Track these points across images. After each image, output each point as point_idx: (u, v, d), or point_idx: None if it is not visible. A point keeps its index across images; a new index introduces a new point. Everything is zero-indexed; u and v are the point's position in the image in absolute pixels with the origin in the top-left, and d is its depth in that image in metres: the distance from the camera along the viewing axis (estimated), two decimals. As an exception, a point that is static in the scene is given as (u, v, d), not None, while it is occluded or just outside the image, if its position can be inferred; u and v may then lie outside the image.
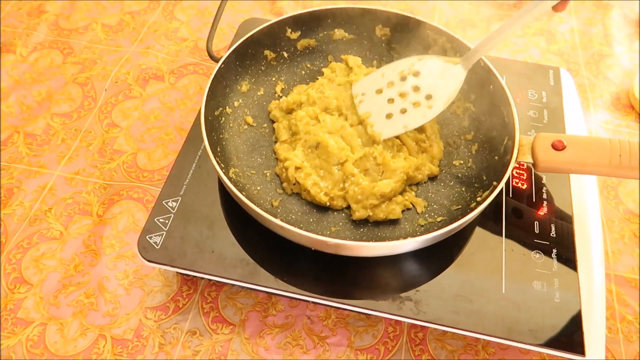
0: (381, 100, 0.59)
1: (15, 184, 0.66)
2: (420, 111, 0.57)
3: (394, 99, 0.58)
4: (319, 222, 0.55)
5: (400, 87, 0.58)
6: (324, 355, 0.54)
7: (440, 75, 0.57)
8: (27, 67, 0.79)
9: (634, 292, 0.59)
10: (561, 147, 0.52)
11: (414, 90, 0.58)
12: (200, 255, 0.52)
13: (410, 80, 0.58)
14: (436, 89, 0.57)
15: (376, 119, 0.58)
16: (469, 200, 0.56)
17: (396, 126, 0.57)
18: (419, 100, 0.57)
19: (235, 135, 0.62)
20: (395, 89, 0.59)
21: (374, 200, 0.54)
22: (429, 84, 0.58)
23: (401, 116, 0.57)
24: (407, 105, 0.57)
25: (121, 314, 0.56)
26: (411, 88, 0.58)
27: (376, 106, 0.59)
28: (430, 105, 0.57)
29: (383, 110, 0.58)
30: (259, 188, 0.58)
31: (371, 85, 0.60)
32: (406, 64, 0.59)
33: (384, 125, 0.58)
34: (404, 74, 0.59)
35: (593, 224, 0.57)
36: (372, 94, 0.59)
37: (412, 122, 0.57)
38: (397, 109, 0.58)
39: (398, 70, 0.59)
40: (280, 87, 0.67)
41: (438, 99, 0.56)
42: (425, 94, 0.57)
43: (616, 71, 0.82)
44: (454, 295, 0.50)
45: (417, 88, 0.58)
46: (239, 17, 0.87)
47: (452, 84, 0.57)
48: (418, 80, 0.58)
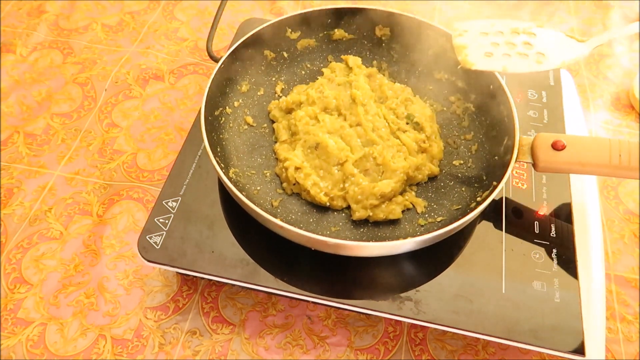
0: (484, 41, 0.54)
1: (15, 184, 0.66)
2: (525, 61, 0.53)
3: (499, 44, 0.54)
4: (319, 222, 0.55)
5: (510, 38, 0.54)
6: (324, 355, 0.54)
7: (559, 43, 0.53)
8: (27, 67, 0.79)
9: (634, 292, 0.59)
10: (561, 147, 0.52)
11: (525, 45, 0.53)
12: (200, 255, 0.52)
13: (523, 37, 0.54)
14: (550, 51, 0.53)
15: (473, 51, 0.54)
16: (469, 200, 0.56)
17: (493, 63, 0.53)
18: (527, 53, 0.53)
19: (235, 135, 0.62)
20: (503, 38, 0.54)
21: (374, 200, 0.54)
22: (543, 45, 0.53)
23: (503, 57, 0.53)
24: (512, 52, 0.53)
25: (121, 314, 0.56)
26: (522, 43, 0.54)
27: (476, 43, 0.54)
28: (540, 61, 0.52)
29: (483, 48, 0.54)
30: (259, 188, 0.58)
31: (477, 27, 0.55)
32: (523, 24, 0.55)
33: (481, 59, 0.53)
34: (517, 30, 0.55)
35: (593, 224, 0.57)
36: (476, 34, 0.55)
37: (513, 65, 0.52)
38: (499, 51, 0.53)
39: (512, 26, 0.55)
40: (280, 87, 0.67)
41: (549, 59, 0.52)
42: (536, 51, 0.53)
43: (616, 71, 0.82)
44: (454, 295, 0.50)
45: (529, 44, 0.54)
46: (239, 17, 0.87)
47: (571, 53, 0.52)
48: (532, 39, 0.54)
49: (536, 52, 0.53)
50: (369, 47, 0.70)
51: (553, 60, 0.52)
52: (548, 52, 0.53)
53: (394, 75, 0.68)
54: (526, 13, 0.91)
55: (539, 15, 0.91)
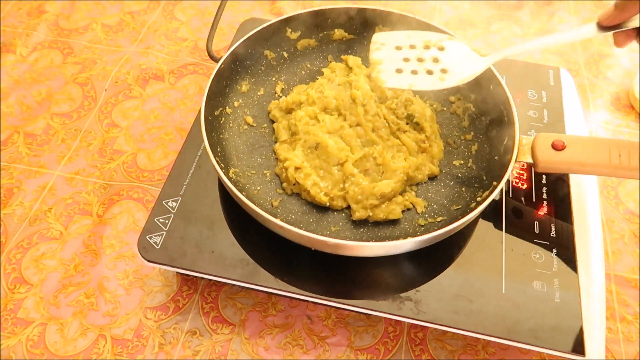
0: (397, 55, 0.57)
1: (15, 184, 0.66)
2: (430, 78, 0.56)
3: (410, 59, 0.57)
4: (319, 222, 0.55)
5: (421, 53, 0.57)
6: (324, 355, 0.54)
7: (463, 59, 0.57)
8: (27, 67, 0.79)
9: (634, 292, 0.59)
10: (561, 147, 0.52)
11: (433, 60, 0.57)
12: (200, 255, 0.52)
13: (433, 51, 0.57)
14: (455, 67, 0.56)
15: (386, 67, 0.57)
16: (469, 201, 0.56)
17: (402, 81, 0.56)
18: (433, 69, 0.56)
19: (235, 135, 0.62)
20: (415, 52, 0.57)
21: (374, 200, 0.54)
22: (449, 60, 0.57)
23: (410, 75, 0.56)
24: (419, 69, 0.56)
25: (121, 314, 0.56)
26: (430, 58, 0.57)
27: (390, 58, 0.57)
28: (442, 78, 0.56)
29: (395, 64, 0.57)
30: (258, 188, 0.58)
31: (393, 40, 0.59)
32: (435, 37, 0.59)
33: (391, 76, 0.56)
34: (428, 44, 0.58)
35: (593, 224, 0.57)
36: (391, 47, 0.58)
37: (419, 83, 0.56)
38: (409, 68, 0.57)
39: (425, 38, 0.58)
40: (280, 87, 0.67)
41: (451, 75, 0.56)
42: (441, 67, 0.56)
43: (616, 71, 0.82)
44: (454, 295, 0.50)
45: (437, 60, 0.57)
46: (239, 17, 0.87)
47: (470, 69, 0.56)
48: (440, 54, 0.57)
49: (441, 68, 0.56)
50: (368, 47, 0.69)
51: (454, 77, 0.55)
52: (451, 68, 0.56)
53: (394, 75, 0.68)
54: (526, 13, 0.91)
55: (539, 15, 0.91)
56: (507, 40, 0.86)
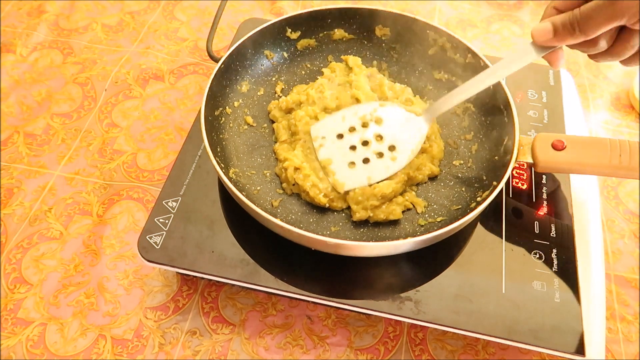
0: (343, 147, 0.56)
1: (15, 184, 0.66)
2: (383, 163, 0.55)
3: (356, 147, 0.56)
4: (319, 222, 0.55)
5: (363, 134, 0.56)
6: (324, 355, 0.54)
7: (403, 125, 0.56)
8: (27, 67, 0.79)
9: (634, 292, 0.59)
10: (561, 147, 0.52)
11: (377, 139, 0.56)
12: (200, 255, 0.52)
13: (372, 127, 0.56)
14: (399, 141, 0.56)
15: (338, 166, 0.56)
16: (469, 201, 0.56)
17: (360, 177, 0.55)
18: (382, 150, 0.56)
19: (235, 136, 0.62)
20: (357, 135, 0.56)
21: (374, 201, 0.54)
22: (392, 133, 0.56)
23: (364, 166, 0.55)
24: (370, 155, 0.55)
25: (121, 314, 0.56)
26: (374, 136, 0.56)
27: (338, 153, 0.56)
28: (394, 157, 0.55)
29: (345, 158, 0.56)
30: (258, 188, 0.58)
31: (332, 128, 0.58)
32: (368, 108, 0.58)
33: (347, 174, 0.55)
34: (365, 120, 0.57)
35: (593, 224, 0.57)
36: (333, 139, 0.57)
37: (375, 174, 0.55)
38: (359, 157, 0.56)
39: (359, 114, 0.57)
40: (280, 87, 0.67)
41: (401, 152, 0.55)
42: (388, 144, 0.56)
43: (616, 71, 0.82)
44: (454, 295, 0.50)
45: (380, 137, 0.56)
46: (239, 17, 0.87)
47: (415, 137, 0.55)
48: (381, 128, 0.56)
49: (388, 145, 0.56)
50: (369, 47, 0.70)
51: (404, 153, 0.55)
52: (397, 142, 0.56)
53: (393, 75, 0.68)
54: (526, 13, 0.91)
55: (539, 15, 0.91)
56: (507, 40, 0.86)
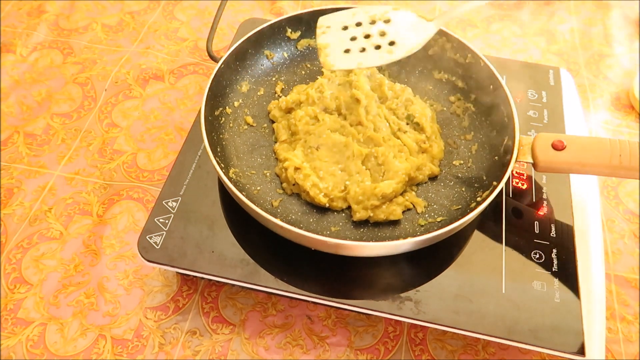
0: (344, 36, 0.57)
1: (15, 184, 0.66)
2: (378, 53, 0.56)
3: (357, 37, 0.57)
4: (319, 222, 0.55)
5: (367, 29, 0.57)
6: (324, 355, 0.54)
7: (410, 27, 0.56)
8: (27, 67, 0.79)
9: (634, 292, 0.59)
10: (561, 147, 0.52)
11: (380, 34, 0.56)
12: (200, 255, 0.52)
13: (379, 25, 0.57)
14: (401, 38, 0.56)
15: (333, 50, 0.57)
16: (469, 201, 0.56)
17: (350, 61, 0.56)
18: (380, 43, 0.56)
19: (235, 135, 0.62)
20: (361, 29, 0.57)
21: (375, 201, 0.54)
22: (396, 31, 0.56)
23: (358, 54, 0.56)
24: (367, 46, 0.56)
25: (121, 314, 0.56)
26: (377, 32, 0.56)
27: (337, 40, 0.57)
28: (391, 50, 0.55)
29: (343, 45, 0.57)
30: (259, 188, 0.58)
31: (339, 21, 0.58)
32: (380, 10, 0.58)
33: (339, 58, 0.56)
34: (374, 18, 0.57)
35: (593, 224, 0.57)
36: (337, 29, 0.58)
37: (366, 61, 0.55)
38: (357, 46, 0.56)
39: (370, 13, 0.58)
40: (280, 87, 0.67)
41: (399, 47, 0.55)
42: (389, 40, 0.56)
43: (616, 71, 0.82)
44: (454, 295, 0.50)
45: (384, 33, 0.56)
46: (239, 17, 0.87)
47: (418, 37, 0.55)
48: (387, 26, 0.57)
49: (389, 41, 0.56)
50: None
51: (402, 48, 0.55)
52: (399, 39, 0.55)
53: (393, 75, 0.68)
54: (526, 13, 0.91)
55: (539, 15, 0.91)
56: (507, 40, 0.86)
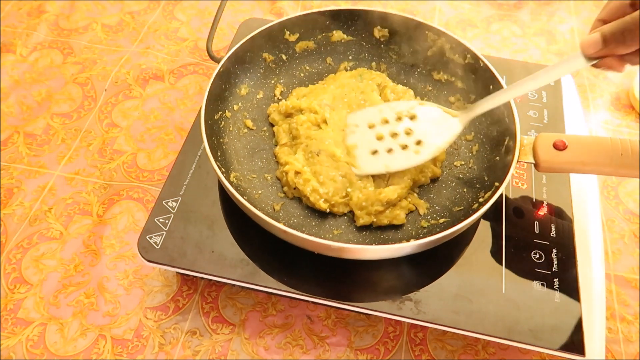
0: (370, 135, 0.57)
1: (15, 184, 0.66)
2: (405, 154, 0.55)
3: (384, 137, 0.57)
4: (321, 225, 0.55)
5: (394, 127, 0.57)
6: (324, 355, 0.54)
7: (436, 123, 0.56)
8: (27, 67, 0.79)
9: (634, 292, 0.59)
10: (562, 147, 0.52)
11: (406, 133, 0.56)
12: (200, 255, 0.52)
13: (406, 122, 0.57)
14: (428, 136, 0.55)
15: (360, 152, 0.57)
16: (471, 202, 0.56)
17: (377, 164, 0.55)
18: (407, 143, 0.56)
19: (235, 139, 0.61)
20: (388, 128, 0.57)
21: (379, 206, 0.54)
22: (422, 129, 0.56)
23: (385, 155, 0.56)
24: (394, 146, 0.56)
25: (121, 314, 0.56)
26: (404, 130, 0.56)
27: (364, 140, 0.57)
28: (418, 150, 0.55)
29: (370, 146, 0.57)
30: (260, 192, 0.58)
31: (366, 118, 0.58)
32: (407, 105, 0.58)
33: (366, 161, 0.56)
34: (400, 115, 0.57)
35: (593, 224, 0.57)
36: (364, 127, 0.58)
37: (393, 163, 0.55)
38: (384, 147, 0.56)
39: (397, 109, 0.57)
40: (280, 89, 0.67)
41: (427, 147, 0.55)
42: (415, 139, 0.56)
43: (616, 71, 0.82)
44: (454, 295, 0.50)
45: (410, 131, 0.56)
46: (239, 17, 0.87)
47: (445, 135, 0.55)
48: (413, 124, 0.56)
49: (415, 140, 0.56)
50: (367, 48, 0.69)
51: (429, 148, 0.55)
52: (426, 138, 0.55)
53: (393, 76, 0.68)
54: (526, 13, 0.91)
55: (539, 15, 0.91)
56: (507, 40, 0.86)
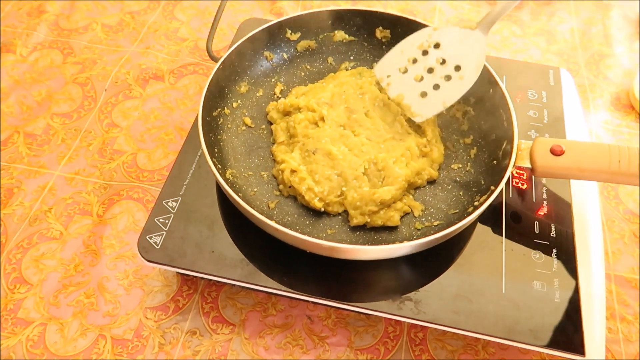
0: (410, 79, 0.56)
1: (15, 184, 0.66)
2: (454, 84, 0.55)
3: (423, 76, 0.56)
4: (315, 225, 0.55)
5: (426, 62, 0.56)
6: (324, 355, 0.54)
7: (461, 42, 0.55)
8: (27, 67, 0.79)
9: (634, 292, 0.59)
10: (560, 152, 0.51)
11: (440, 63, 0.56)
12: (200, 255, 0.52)
13: (433, 53, 0.56)
14: (462, 57, 0.55)
15: (411, 100, 0.56)
16: (467, 205, 0.55)
17: (435, 104, 0.55)
18: (449, 73, 0.55)
19: (233, 137, 0.61)
20: (421, 65, 0.56)
21: (373, 206, 0.53)
22: (453, 54, 0.55)
23: (436, 93, 0.55)
24: (438, 81, 0.55)
25: (121, 314, 0.56)
26: (436, 61, 0.56)
27: (406, 86, 0.56)
28: (462, 75, 0.55)
29: (415, 90, 0.56)
30: (255, 189, 0.58)
31: (394, 64, 0.57)
32: (422, 36, 0.57)
33: (421, 105, 0.55)
34: (424, 48, 0.56)
35: (593, 224, 0.57)
36: (399, 74, 0.57)
37: (449, 97, 0.55)
38: (429, 85, 0.55)
39: (416, 44, 0.57)
40: (280, 88, 0.67)
41: (468, 68, 0.54)
42: (453, 65, 0.55)
43: (616, 71, 0.82)
44: (454, 295, 0.50)
45: (443, 60, 0.55)
46: (239, 17, 0.87)
47: (476, 50, 0.54)
48: (440, 52, 0.56)
49: (454, 66, 0.55)
50: (369, 49, 0.69)
51: (471, 68, 0.54)
52: (462, 62, 0.55)
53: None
54: (526, 13, 0.91)
55: (539, 15, 0.91)
56: (507, 40, 0.86)
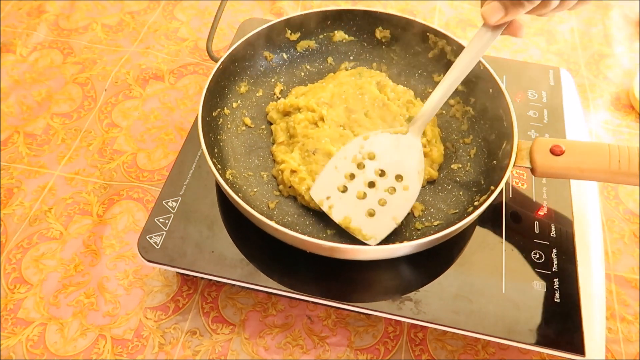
0: (352, 198, 0.53)
1: (15, 184, 0.66)
2: (400, 197, 0.53)
3: (365, 192, 0.53)
4: (315, 225, 0.55)
5: (364, 176, 0.53)
6: (324, 355, 0.54)
7: (396, 149, 0.53)
8: (27, 67, 0.79)
9: (634, 292, 0.59)
10: (559, 152, 0.51)
11: (380, 175, 0.53)
12: (200, 255, 0.52)
13: (369, 165, 0.54)
14: (401, 165, 0.53)
15: (359, 222, 0.52)
16: (467, 205, 0.55)
17: (386, 223, 0.52)
18: (391, 185, 0.53)
19: (233, 137, 0.61)
20: (360, 180, 0.53)
21: None
22: (390, 162, 0.54)
23: (383, 209, 0.52)
24: (382, 195, 0.53)
25: (121, 314, 0.56)
26: (375, 173, 0.53)
27: (350, 206, 0.53)
28: (406, 185, 0.53)
29: (361, 209, 0.52)
30: (255, 190, 0.58)
31: (331, 184, 0.54)
32: (354, 148, 0.54)
33: (372, 226, 0.52)
34: (358, 160, 0.54)
35: (593, 224, 0.57)
36: (338, 194, 0.53)
37: (398, 211, 0.52)
38: (374, 202, 0.53)
39: (349, 157, 0.54)
40: (279, 88, 0.67)
41: (410, 176, 0.53)
42: (394, 175, 0.53)
43: (616, 71, 0.82)
44: (454, 295, 0.50)
45: (382, 172, 0.54)
46: (239, 17, 0.87)
47: (414, 155, 0.53)
48: (377, 163, 0.54)
49: (394, 176, 0.53)
50: (369, 49, 0.69)
51: (413, 176, 0.53)
52: (401, 169, 0.53)
53: (393, 77, 0.68)
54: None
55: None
56: (506, 40, 0.86)
